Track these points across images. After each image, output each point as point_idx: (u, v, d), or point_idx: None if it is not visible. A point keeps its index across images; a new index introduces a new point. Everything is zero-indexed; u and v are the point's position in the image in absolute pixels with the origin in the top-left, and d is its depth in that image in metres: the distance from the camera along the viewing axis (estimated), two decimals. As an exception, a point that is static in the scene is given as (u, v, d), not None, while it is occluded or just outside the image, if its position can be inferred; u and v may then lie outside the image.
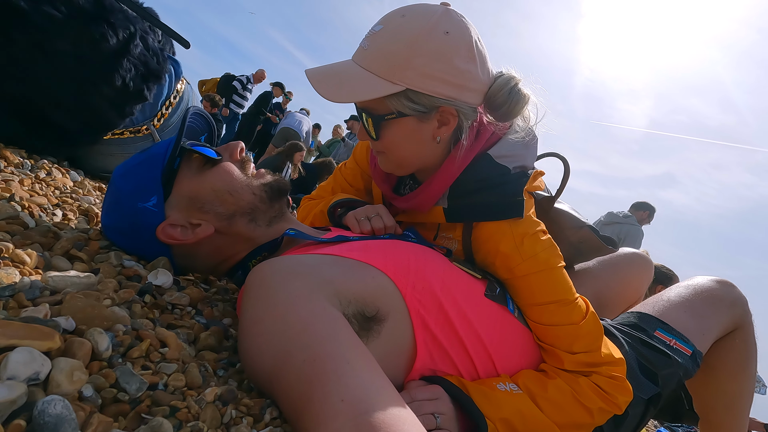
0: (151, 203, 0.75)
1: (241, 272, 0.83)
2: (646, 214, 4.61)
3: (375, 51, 0.75)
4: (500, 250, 0.80)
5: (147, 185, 0.76)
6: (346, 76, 0.75)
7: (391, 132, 0.79)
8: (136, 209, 0.75)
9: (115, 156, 1.34)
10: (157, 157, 0.78)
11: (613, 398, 0.77)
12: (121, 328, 0.53)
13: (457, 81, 0.75)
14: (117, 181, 0.78)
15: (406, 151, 0.82)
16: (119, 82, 1.16)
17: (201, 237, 0.76)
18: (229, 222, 0.79)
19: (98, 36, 1.10)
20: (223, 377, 0.59)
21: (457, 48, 0.73)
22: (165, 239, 0.75)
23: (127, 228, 0.77)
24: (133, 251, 0.78)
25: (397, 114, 0.76)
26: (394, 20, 0.74)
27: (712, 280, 1.09)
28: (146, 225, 0.75)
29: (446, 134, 0.80)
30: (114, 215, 0.78)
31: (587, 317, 0.79)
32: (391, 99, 0.75)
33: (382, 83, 0.73)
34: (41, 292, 0.55)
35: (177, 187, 0.77)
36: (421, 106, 0.75)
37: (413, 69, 0.72)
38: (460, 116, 0.79)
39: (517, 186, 0.81)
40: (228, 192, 0.79)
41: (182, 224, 0.76)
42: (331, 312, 0.57)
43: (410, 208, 0.90)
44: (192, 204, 0.77)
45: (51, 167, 1.10)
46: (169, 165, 0.77)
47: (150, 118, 1.36)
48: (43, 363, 0.40)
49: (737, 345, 1.07)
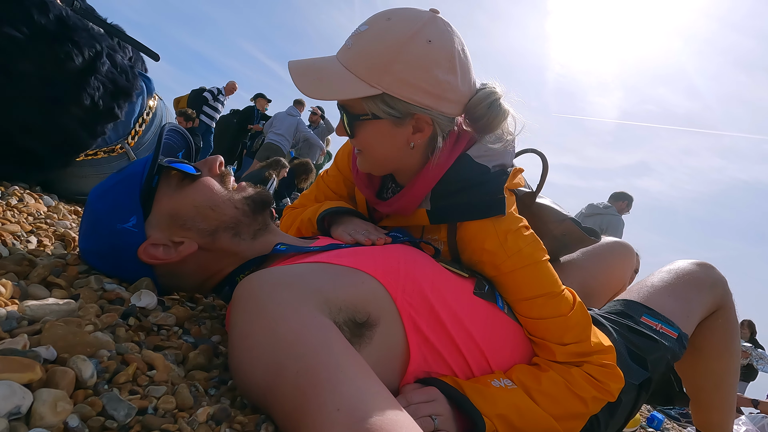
0: (131, 224, 0.73)
1: (228, 288, 0.82)
2: (625, 204, 4.72)
3: (357, 51, 0.75)
4: (485, 248, 0.81)
5: (125, 205, 0.74)
6: (326, 73, 0.76)
7: (366, 132, 0.80)
8: (115, 231, 0.73)
9: (90, 178, 1.30)
10: (135, 176, 0.76)
11: (605, 386, 0.78)
12: (106, 353, 0.52)
13: (434, 91, 0.75)
14: (94, 203, 0.76)
15: (380, 152, 0.82)
16: (88, 101, 1.14)
17: (184, 255, 0.75)
18: (213, 237, 0.78)
19: (63, 55, 1.07)
20: (215, 396, 0.58)
21: (437, 58, 0.74)
22: (147, 260, 0.73)
23: (107, 250, 0.75)
24: (114, 274, 0.76)
25: (371, 116, 0.77)
26: (380, 23, 0.75)
27: (692, 263, 1.12)
28: (126, 246, 0.73)
29: (420, 141, 0.81)
30: (92, 238, 0.76)
31: (575, 308, 0.81)
32: (368, 101, 0.75)
33: (360, 84, 0.73)
34: (18, 322, 0.53)
35: (157, 205, 0.75)
36: (396, 111, 0.76)
37: (392, 74, 0.73)
38: (435, 125, 0.79)
39: (498, 184, 0.82)
40: (209, 207, 0.77)
41: (164, 243, 0.74)
42: (322, 320, 0.57)
43: (394, 212, 0.90)
44: (173, 222, 0.76)
45: (23, 193, 1.07)
46: (147, 183, 0.75)
47: (123, 136, 1.33)
48: (24, 396, 0.39)
49: (720, 325, 1.10)
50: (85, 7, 1.29)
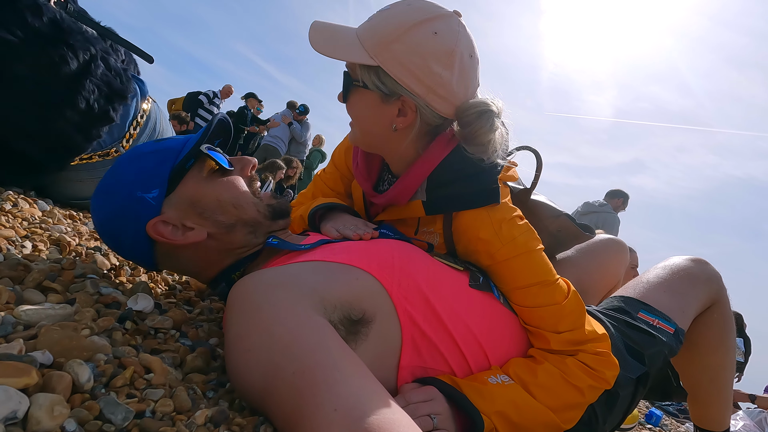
0: (151, 195, 0.73)
1: (224, 284, 0.83)
2: (620, 201, 4.73)
3: (370, 25, 0.80)
4: (480, 237, 0.82)
5: (152, 177, 0.74)
6: (340, 37, 0.80)
7: (355, 100, 0.85)
8: (134, 197, 0.73)
9: (85, 182, 1.30)
10: (171, 152, 0.76)
11: (600, 374, 0.79)
12: (102, 357, 0.52)
13: (425, 80, 0.77)
14: (123, 164, 0.77)
15: (365, 125, 0.86)
16: (83, 104, 1.13)
17: (190, 241, 0.75)
18: (228, 230, 0.78)
19: (57, 59, 1.07)
20: (213, 399, 0.58)
21: (436, 50, 0.76)
22: (153, 234, 0.73)
23: (117, 212, 0.75)
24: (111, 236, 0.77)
25: (362, 84, 0.81)
26: (400, 6, 0.80)
27: (687, 259, 1.13)
28: (137, 215, 0.73)
29: (402, 125, 0.83)
30: (107, 197, 0.76)
31: (569, 296, 0.82)
32: (363, 69, 0.80)
33: (361, 52, 0.78)
34: (14, 327, 0.52)
35: (182, 186, 0.76)
36: (385, 87, 0.79)
37: (390, 51, 0.76)
38: (418, 114, 0.81)
39: (492, 174, 0.84)
40: (233, 205, 0.79)
41: (174, 224, 0.75)
42: (317, 320, 0.57)
43: (389, 201, 0.91)
44: (192, 207, 0.76)
45: (17, 198, 1.06)
46: (182, 163, 0.76)
47: (118, 139, 1.33)
48: (20, 401, 0.38)
49: (716, 319, 1.11)
50: (78, 9, 1.28)
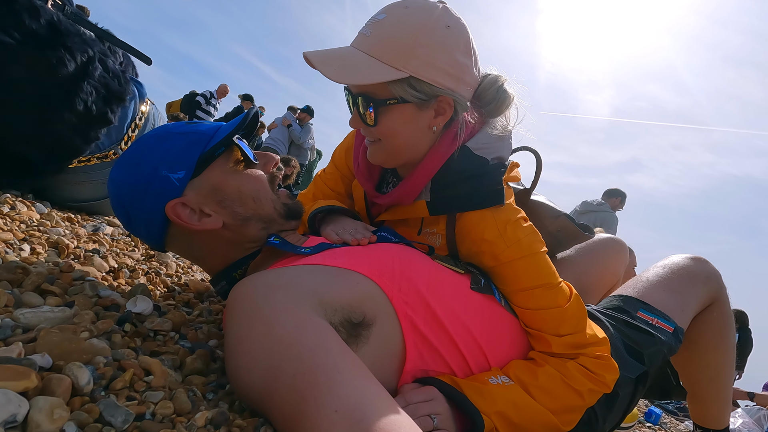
0: (177, 176, 0.74)
1: (225, 282, 0.83)
2: (618, 200, 4.74)
3: (378, 38, 0.76)
4: (485, 237, 0.81)
5: (182, 158, 0.75)
6: (350, 60, 0.76)
7: (391, 118, 0.80)
8: (159, 175, 0.74)
9: (83, 184, 1.29)
10: (203, 136, 0.78)
11: (600, 378, 0.79)
12: (102, 360, 0.51)
13: (456, 73, 0.78)
14: (151, 140, 0.78)
15: (402, 138, 0.82)
16: (81, 106, 1.13)
17: (205, 227, 0.76)
18: (243, 223, 0.80)
19: (55, 61, 1.07)
20: (213, 400, 0.58)
21: (457, 42, 0.77)
22: (171, 215, 0.74)
23: (138, 187, 0.75)
24: (125, 209, 0.78)
25: (399, 100, 0.77)
26: (398, 10, 0.77)
27: (686, 258, 1.13)
28: (159, 193, 0.74)
29: (441, 124, 0.83)
30: (130, 170, 0.77)
31: (571, 300, 0.82)
32: (394, 84, 0.76)
33: (387, 69, 0.75)
34: (13, 330, 0.52)
35: (207, 173, 0.77)
36: (422, 93, 0.77)
37: (417, 57, 0.75)
38: (456, 107, 0.81)
39: (496, 176, 0.84)
40: (252, 198, 0.80)
41: (193, 208, 0.76)
42: (318, 322, 0.57)
43: (393, 202, 0.91)
44: (214, 194, 0.77)
45: (15, 201, 1.06)
46: (213, 150, 0.77)
47: (117, 141, 1.33)
48: (20, 404, 0.38)
49: (715, 318, 1.11)
50: (76, 11, 1.28)
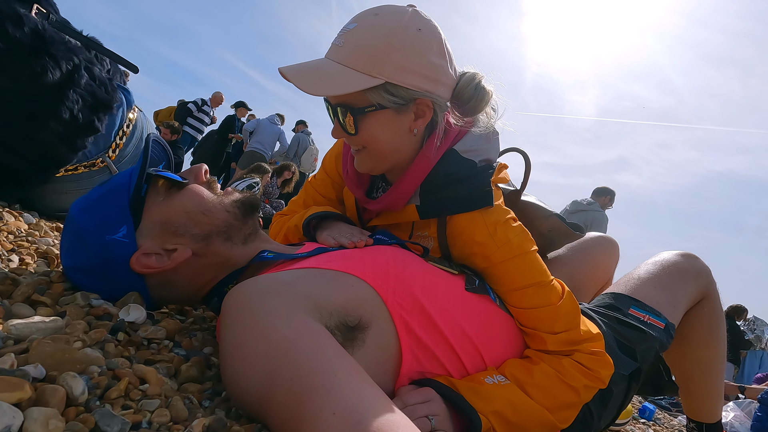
0: (121, 234, 0.72)
1: (216, 298, 0.81)
2: (607, 199, 4.79)
3: (352, 47, 0.76)
4: (475, 239, 0.82)
5: (114, 216, 0.73)
6: (325, 71, 0.76)
7: (370, 125, 0.80)
8: (105, 243, 0.72)
9: (71, 193, 1.28)
10: (121, 187, 0.75)
11: (596, 373, 0.80)
12: (96, 369, 0.51)
13: (431, 75, 0.78)
14: (78, 217, 0.75)
15: (384, 143, 0.82)
16: (67, 114, 1.12)
17: (179, 262, 0.74)
18: (206, 242, 0.77)
19: (39, 69, 1.06)
20: (209, 407, 0.57)
21: (429, 44, 0.77)
22: (140, 269, 0.72)
23: (96, 264, 0.73)
24: (102, 289, 0.74)
25: (377, 106, 0.78)
26: (368, 18, 0.77)
27: (676, 254, 1.14)
28: (117, 258, 0.72)
29: (422, 126, 0.83)
30: (79, 254, 0.74)
31: (564, 297, 0.82)
32: (371, 92, 0.77)
33: (362, 77, 0.75)
34: (4, 341, 0.51)
35: (146, 214, 0.75)
36: (400, 98, 0.78)
37: (391, 63, 0.75)
38: (435, 108, 0.82)
39: (485, 177, 0.84)
40: (201, 212, 0.77)
41: (156, 252, 0.73)
42: (313, 326, 0.56)
43: (384, 208, 0.91)
44: (165, 229, 0.75)
45: (2, 211, 1.04)
46: (137, 193, 0.74)
47: (104, 150, 1.31)
48: (14, 415, 0.38)
49: (706, 313, 1.12)
50: (61, 20, 1.27)
